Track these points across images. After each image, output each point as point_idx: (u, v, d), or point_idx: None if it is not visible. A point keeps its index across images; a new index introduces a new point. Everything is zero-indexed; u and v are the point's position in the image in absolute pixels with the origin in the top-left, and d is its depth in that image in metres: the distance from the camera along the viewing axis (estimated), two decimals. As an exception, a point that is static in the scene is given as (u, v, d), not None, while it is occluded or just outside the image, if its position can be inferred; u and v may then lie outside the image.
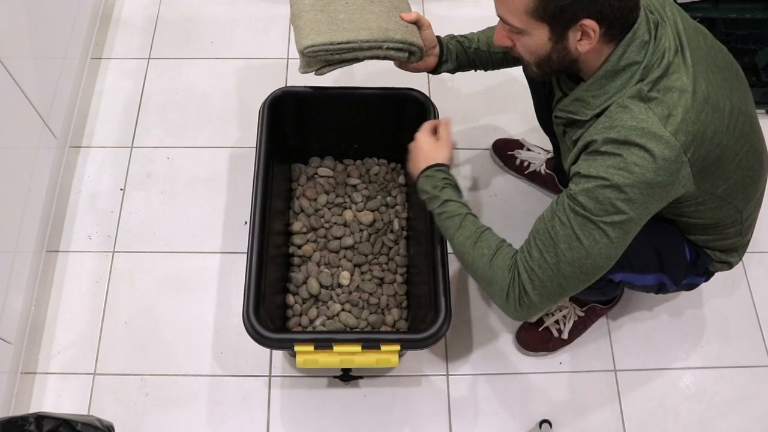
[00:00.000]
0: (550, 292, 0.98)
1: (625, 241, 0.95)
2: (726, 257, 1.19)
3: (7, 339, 1.30)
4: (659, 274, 1.17)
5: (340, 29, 1.17)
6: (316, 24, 1.18)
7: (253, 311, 1.14)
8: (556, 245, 0.95)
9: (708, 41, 1.01)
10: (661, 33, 0.93)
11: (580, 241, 0.93)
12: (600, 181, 0.91)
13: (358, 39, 1.16)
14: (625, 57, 0.93)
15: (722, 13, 1.78)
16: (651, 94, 0.92)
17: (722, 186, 1.01)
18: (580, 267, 0.95)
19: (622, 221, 0.92)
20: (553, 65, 0.98)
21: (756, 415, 1.42)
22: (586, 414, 1.40)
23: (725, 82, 0.98)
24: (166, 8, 1.91)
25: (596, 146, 0.93)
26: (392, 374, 1.42)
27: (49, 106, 1.48)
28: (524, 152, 1.65)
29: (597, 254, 0.94)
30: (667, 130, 0.90)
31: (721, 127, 0.94)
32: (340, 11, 1.19)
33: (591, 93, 0.97)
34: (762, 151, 1.08)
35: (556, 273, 0.96)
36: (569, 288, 0.98)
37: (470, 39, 1.30)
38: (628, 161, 0.90)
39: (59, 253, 1.53)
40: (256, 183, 1.28)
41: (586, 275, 0.97)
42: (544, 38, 0.93)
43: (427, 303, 1.21)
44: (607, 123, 0.93)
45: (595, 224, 0.92)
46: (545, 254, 0.96)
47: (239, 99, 1.76)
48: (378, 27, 1.18)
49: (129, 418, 1.36)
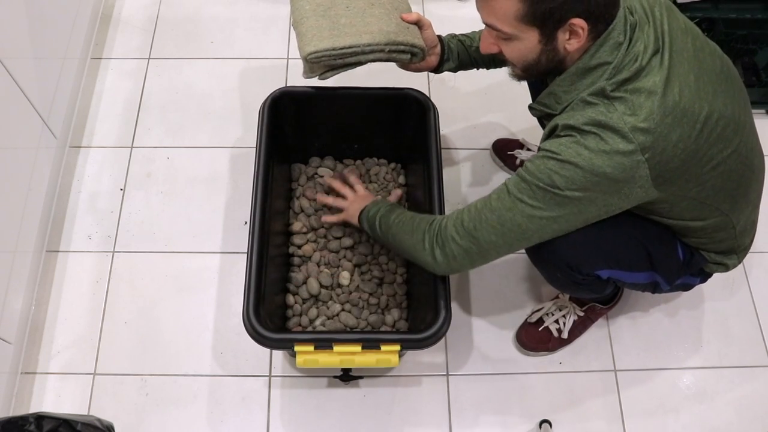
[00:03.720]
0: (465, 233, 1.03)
1: (555, 213, 0.97)
2: (721, 259, 1.18)
3: (7, 339, 1.30)
4: (651, 272, 1.17)
5: (342, 34, 1.17)
6: (319, 30, 1.18)
7: (253, 311, 1.14)
8: (489, 197, 1.01)
9: (697, 43, 1.00)
10: (637, 36, 0.94)
11: (508, 193, 0.98)
12: (549, 153, 0.95)
13: (361, 43, 1.16)
14: (596, 56, 0.94)
15: (722, 13, 1.78)
16: (615, 93, 0.92)
17: (695, 189, 1.00)
18: (499, 218, 0.99)
19: (553, 197, 0.95)
20: (541, 68, 0.99)
21: (756, 415, 1.42)
22: (586, 414, 1.40)
23: (708, 85, 0.97)
24: (166, 8, 1.91)
25: (557, 131, 0.96)
26: (392, 374, 1.42)
27: (49, 106, 1.48)
28: (524, 152, 1.65)
29: (519, 211, 0.97)
30: (626, 127, 0.90)
31: (689, 132, 0.94)
32: (342, 15, 1.19)
33: (562, 88, 0.98)
34: (751, 155, 1.06)
35: (476, 216, 1.01)
36: (483, 237, 1.02)
37: (471, 38, 1.30)
38: (579, 142, 0.92)
39: (59, 253, 1.53)
40: (256, 183, 1.28)
41: (502, 228, 1.00)
42: (534, 41, 0.94)
43: (427, 303, 1.21)
44: (570, 113, 0.96)
45: (528, 184, 0.96)
46: (477, 203, 1.03)
47: (239, 99, 1.76)
48: (380, 30, 1.18)
49: (129, 418, 1.36)
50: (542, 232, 1.00)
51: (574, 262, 1.11)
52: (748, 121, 1.06)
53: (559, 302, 1.46)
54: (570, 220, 0.98)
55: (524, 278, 1.54)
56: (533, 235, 1.00)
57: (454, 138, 1.73)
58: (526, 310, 1.50)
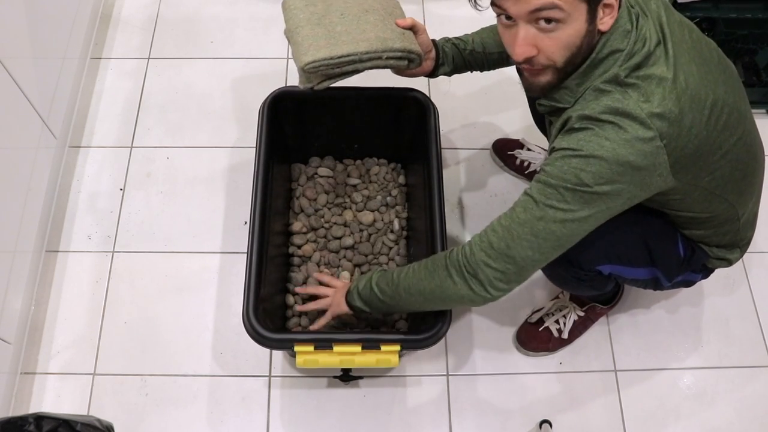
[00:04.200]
0: (497, 254, 0.96)
1: (586, 213, 0.93)
2: (724, 254, 1.19)
3: (6, 339, 1.30)
4: (651, 268, 1.17)
5: (339, 42, 1.16)
6: (315, 39, 1.16)
7: (253, 311, 1.14)
8: (513, 210, 0.95)
9: (694, 35, 1.00)
10: (642, 23, 0.94)
11: (536, 203, 0.93)
12: (570, 152, 0.90)
13: (358, 51, 1.15)
14: (608, 45, 0.92)
15: (722, 13, 1.78)
16: (628, 80, 0.91)
17: (706, 177, 1.00)
18: (532, 230, 0.93)
19: (582, 195, 0.91)
20: (578, 59, 0.94)
21: (756, 415, 1.42)
22: (586, 414, 1.40)
23: (710, 75, 0.97)
24: (165, 8, 1.91)
25: (571, 123, 0.93)
26: (392, 374, 1.42)
27: (49, 106, 1.48)
28: (524, 152, 1.65)
29: (551, 218, 0.92)
30: (643, 113, 0.89)
31: (700, 118, 0.93)
32: (337, 24, 1.18)
33: (575, 81, 0.96)
34: (754, 145, 1.07)
35: (507, 235, 0.95)
36: (516, 255, 0.95)
37: (465, 41, 1.30)
38: (599, 134, 0.89)
39: (59, 253, 1.53)
40: (256, 183, 1.28)
41: (536, 239, 0.94)
42: (582, 21, 0.89)
43: (427, 303, 1.21)
44: (583, 104, 0.94)
45: (554, 188, 0.91)
46: (502, 219, 0.96)
47: (239, 99, 1.76)
48: (376, 37, 1.17)
49: (129, 418, 1.36)
50: (574, 235, 0.95)
51: (576, 258, 1.11)
52: (749, 112, 1.07)
53: (559, 302, 1.46)
54: (598, 218, 0.94)
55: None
56: (567, 240, 0.95)
57: (454, 138, 1.73)
58: (526, 310, 1.50)
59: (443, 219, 1.26)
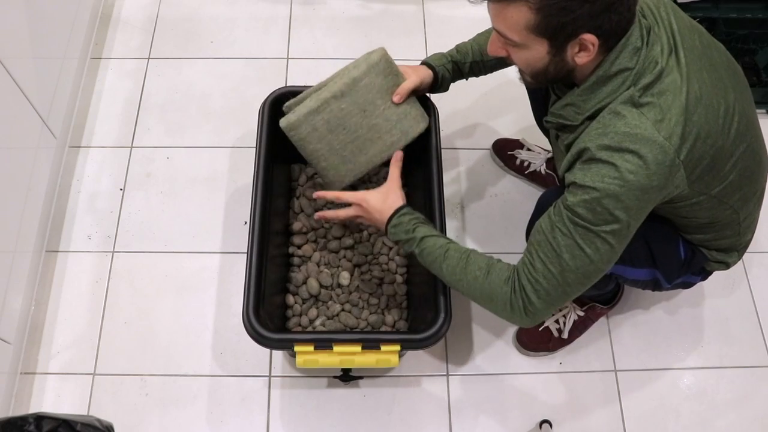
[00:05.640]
0: (555, 299, 1.00)
1: (624, 243, 0.98)
2: (723, 257, 1.19)
3: (6, 339, 1.30)
4: (651, 269, 1.18)
5: (358, 165, 1.30)
6: (336, 170, 1.30)
7: (253, 311, 1.14)
8: (560, 256, 0.96)
9: (704, 40, 1.01)
10: (653, 39, 0.93)
11: (582, 250, 0.95)
12: (596, 192, 0.92)
13: (375, 163, 1.31)
14: (616, 63, 0.93)
15: (722, 13, 1.78)
16: (643, 99, 0.92)
17: (717, 187, 1.01)
18: (584, 273, 0.98)
19: (621, 228, 0.94)
20: (549, 76, 0.98)
21: (756, 415, 1.42)
22: (587, 414, 1.40)
23: (720, 81, 0.98)
24: (165, 8, 1.91)
25: (590, 154, 0.93)
26: (392, 374, 1.42)
27: (49, 106, 1.48)
28: (524, 152, 1.65)
29: (599, 260, 0.96)
30: (660, 135, 0.90)
31: (715, 127, 0.95)
32: (348, 145, 1.27)
33: (582, 98, 0.97)
34: (760, 152, 1.08)
35: (561, 281, 0.98)
36: (573, 293, 1.01)
37: (463, 53, 1.30)
38: (622, 170, 0.90)
39: (59, 253, 1.53)
40: (256, 183, 1.28)
41: (588, 279, 0.99)
42: (543, 52, 0.93)
43: (427, 303, 1.21)
44: (600, 129, 0.93)
45: (596, 234, 0.94)
46: (549, 265, 0.98)
47: (239, 99, 1.76)
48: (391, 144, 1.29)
49: (129, 418, 1.36)
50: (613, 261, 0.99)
51: None
52: (755, 117, 1.07)
53: (559, 302, 1.46)
54: (629, 237, 0.98)
55: (524, 278, 1.54)
56: (607, 267, 1.00)
57: (454, 138, 1.73)
58: (526, 310, 1.50)
59: (443, 219, 1.26)
